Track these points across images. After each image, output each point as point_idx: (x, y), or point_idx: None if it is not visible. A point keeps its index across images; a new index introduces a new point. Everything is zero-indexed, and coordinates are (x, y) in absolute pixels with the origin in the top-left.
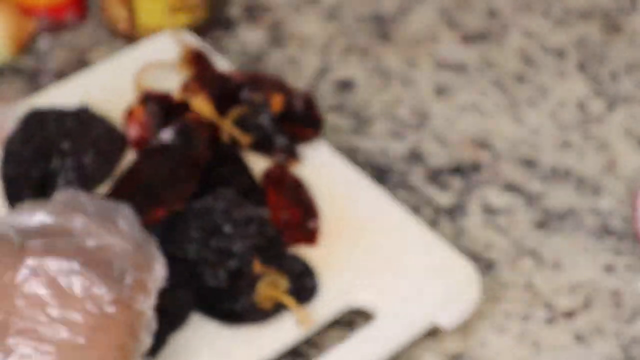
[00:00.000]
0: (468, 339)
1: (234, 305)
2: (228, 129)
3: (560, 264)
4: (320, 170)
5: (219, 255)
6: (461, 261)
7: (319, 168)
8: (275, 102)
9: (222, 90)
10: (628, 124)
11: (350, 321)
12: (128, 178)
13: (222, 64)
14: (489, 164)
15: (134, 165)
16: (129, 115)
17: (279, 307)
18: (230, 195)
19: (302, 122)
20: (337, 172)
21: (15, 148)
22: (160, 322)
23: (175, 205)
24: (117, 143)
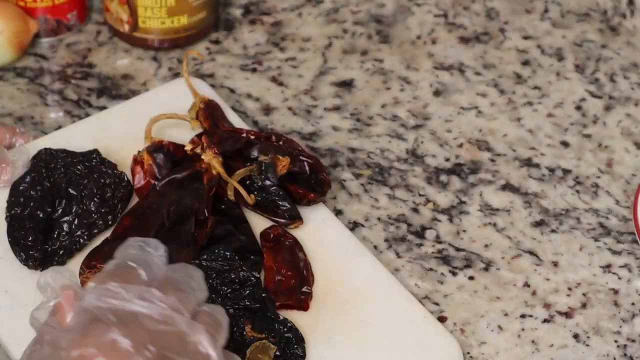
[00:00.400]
0: (467, 338)
1: None
2: (234, 187)
3: (558, 263)
4: (318, 232)
5: None
6: (447, 338)
7: (316, 230)
8: (282, 165)
9: (232, 147)
10: (626, 125)
11: None
12: (135, 219)
13: (233, 117)
14: (488, 164)
15: (141, 209)
16: (135, 163)
17: None
18: (227, 256)
19: (308, 184)
20: (334, 236)
21: (21, 189)
22: None
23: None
24: (124, 191)
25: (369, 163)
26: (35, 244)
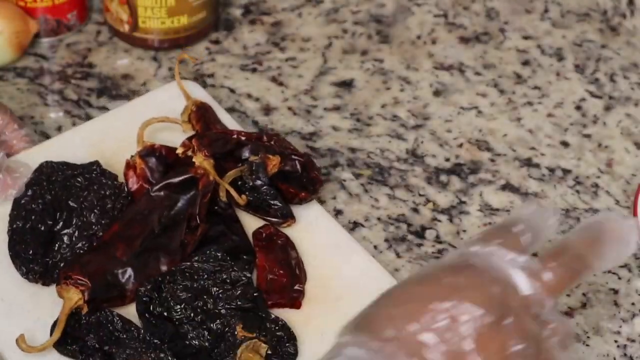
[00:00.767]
0: None
1: None
2: (225, 188)
3: None
4: (310, 230)
5: (204, 316)
6: None
7: (309, 228)
8: (272, 164)
9: (223, 148)
10: (625, 125)
11: None
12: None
13: (226, 119)
14: (488, 164)
15: (135, 213)
16: (128, 167)
17: None
18: (218, 257)
19: (300, 183)
20: (327, 234)
21: (23, 202)
22: None
23: (178, 258)
24: (124, 202)
25: (369, 163)
26: (36, 257)
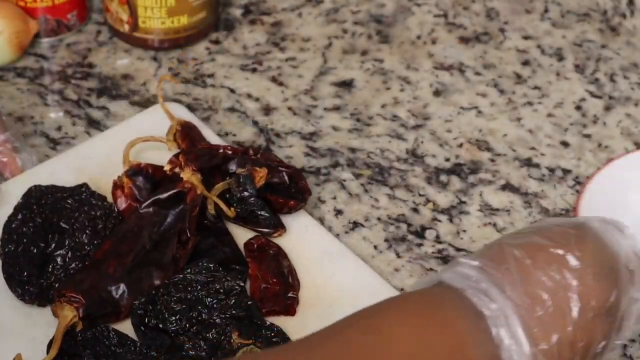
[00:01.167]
0: None
1: None
2: (214, 202)
3: None
4: (301, 239)
5: (200, 326)
6: None
7: (299, 237)
8: (259, 177)
9: (209, 163)
10: (626, 125)
11: None
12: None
13: (211, 136)
14: (488, 164)
15: (125, 231)
16: (116, 187)
17: None
18: (210, 268)
19: (288, 193)
20: (318, 241)
21: (14, 226)
22: None
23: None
24: (115, 221)
25: (369, 163)
26: (31, 279)
